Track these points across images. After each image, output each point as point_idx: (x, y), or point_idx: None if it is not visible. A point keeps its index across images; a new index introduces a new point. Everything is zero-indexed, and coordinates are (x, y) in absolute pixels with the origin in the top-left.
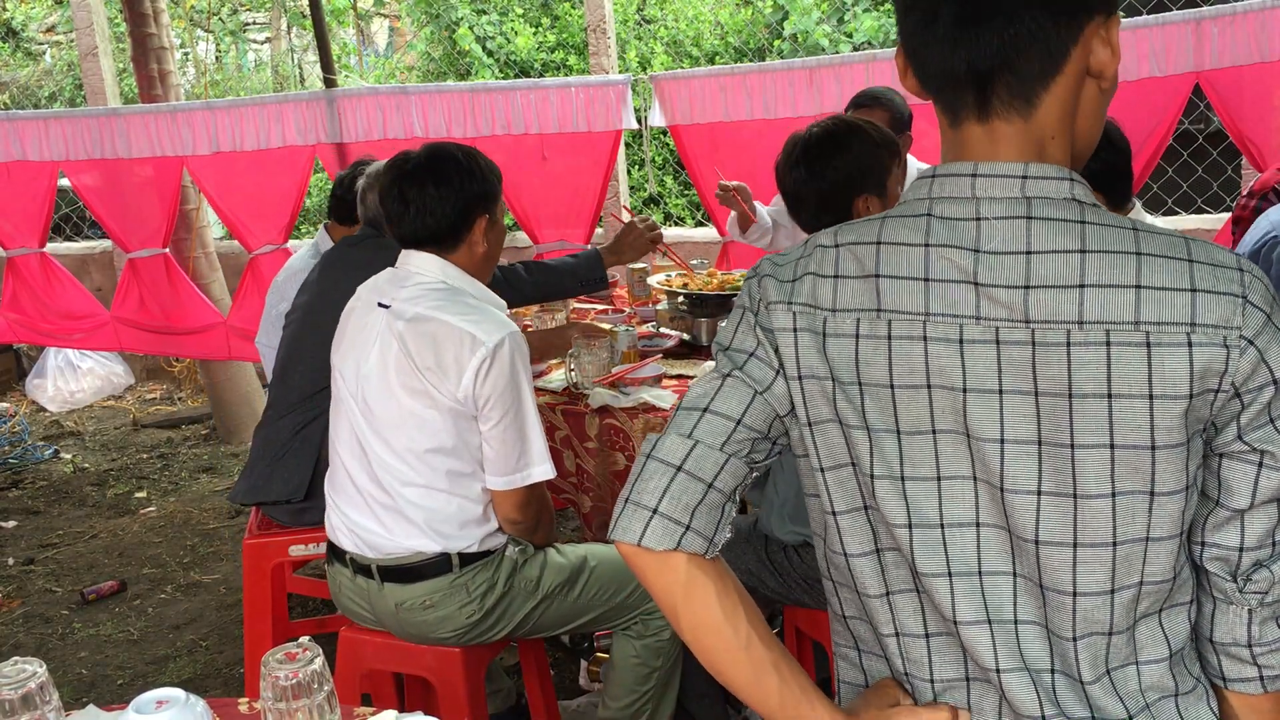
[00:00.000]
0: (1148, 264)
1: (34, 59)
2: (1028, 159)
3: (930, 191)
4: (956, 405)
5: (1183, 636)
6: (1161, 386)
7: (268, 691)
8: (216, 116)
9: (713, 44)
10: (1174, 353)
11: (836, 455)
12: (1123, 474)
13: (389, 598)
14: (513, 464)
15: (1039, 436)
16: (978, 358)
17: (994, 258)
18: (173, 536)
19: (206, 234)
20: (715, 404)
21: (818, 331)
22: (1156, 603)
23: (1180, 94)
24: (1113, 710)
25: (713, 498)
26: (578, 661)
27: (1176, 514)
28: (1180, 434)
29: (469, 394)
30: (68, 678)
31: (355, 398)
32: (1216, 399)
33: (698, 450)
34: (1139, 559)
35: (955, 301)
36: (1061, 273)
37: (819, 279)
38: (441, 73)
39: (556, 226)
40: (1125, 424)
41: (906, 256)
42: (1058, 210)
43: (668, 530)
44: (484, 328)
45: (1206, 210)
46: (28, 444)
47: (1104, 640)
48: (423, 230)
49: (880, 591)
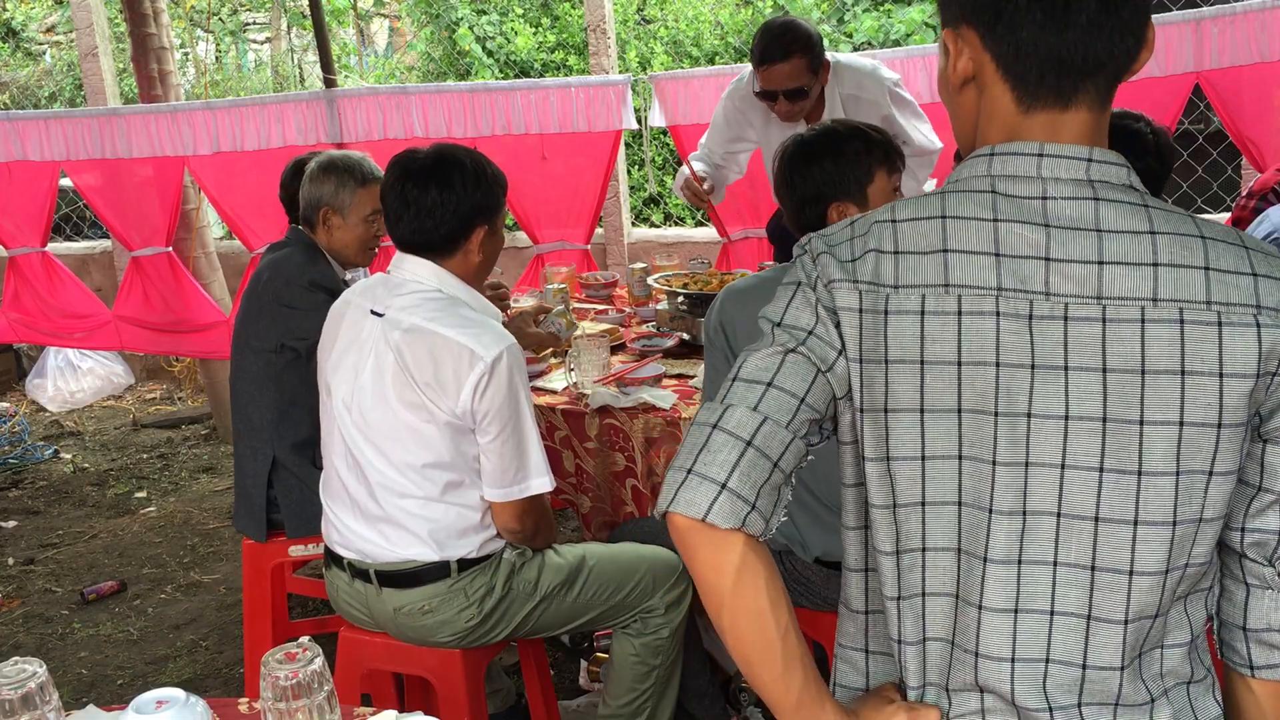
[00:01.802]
0: (1213, 248)
1: (34, 59)
2: (1091, 145)
3: (991, 169)
4: (1024, 383)
5: (1201, 622)
6: (1231, 365)
7: (268, 691)
8: (217, 116)
9: (713, 44)
10: (1243, 333)
11: (881, 447)
12: (1188, 452)
13: (387, 602)
14: (511, 477)
15: (1104, 414)
16: (1046, 334)
17: (1066, 233)
18: (173, 536)
19: (207, 234)
20: (779, 379)
21: (880, 311)
22: (1189, 586)
23: (1180, 94)
24: (1136, 695)
25: (776, 477)
26: (578, 661)
27: (1225, 496)
28: (1244, 414)
29: (467, 409)
30: (68, 678)
31: (350, 408)
32: (1274, 382)
33: (767, 426)
34: (1190, 540)
35: (1026, 277)
36: (1135, 251)
37: (881, 255)
38: (441, 73)
39: (556, 227)
40: (1196, 401)
41: (976, 231)
42: (1120, 194)
43: (735, 507)
44: (482, 342)
45: (1206, 210)
46: (28, 444)
47: (1149, 624)
48: (419, 234)
49: (894, 594)
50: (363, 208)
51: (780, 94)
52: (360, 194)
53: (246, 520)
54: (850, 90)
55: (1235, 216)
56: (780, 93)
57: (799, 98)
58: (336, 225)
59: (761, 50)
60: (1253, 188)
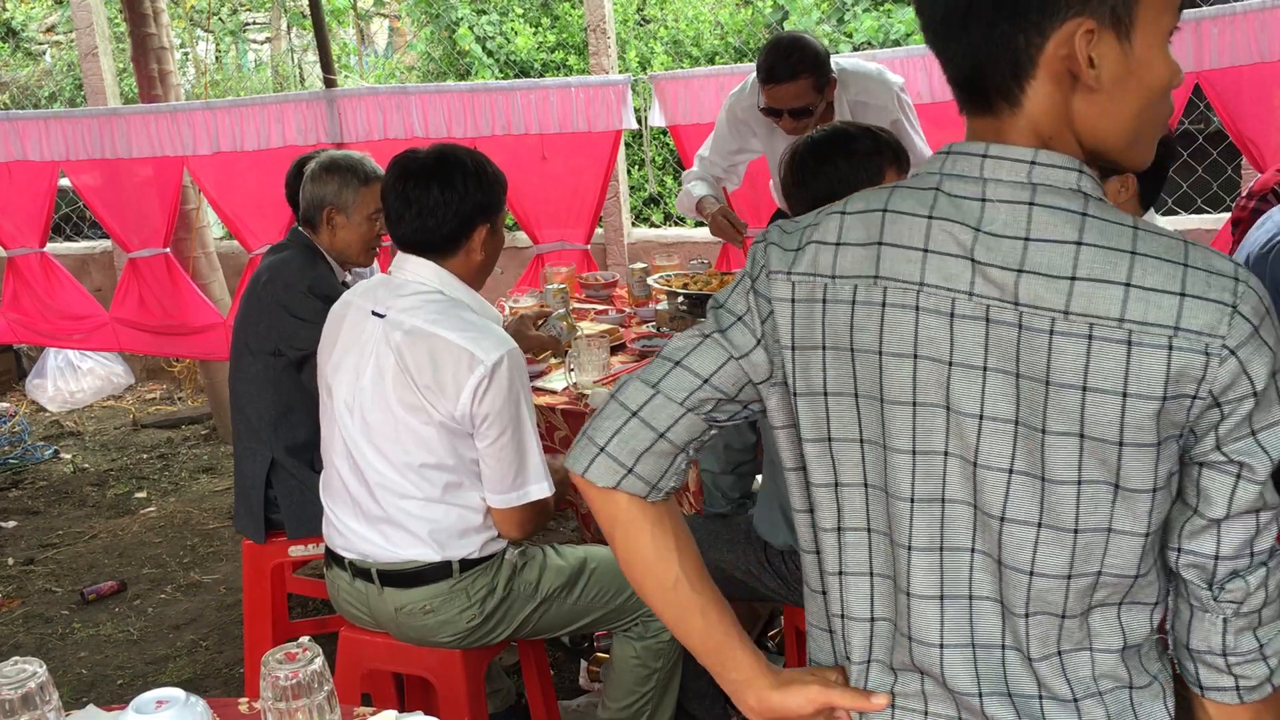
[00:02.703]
0: (1141, 264)
1: (34, 59)
2: (1036, 147)
3: (942, 167)
4: (941, 378)
5: (1141, 633)
6: (1136, 385)
7: (268, 691)
8: (216, 116)
9: (713, 44)
10: (1153, 354)
11: (820, 428)
12: (1089, 464)
13: (388, 602)
14: (510, 482)
15: (1016, 417)
16: (966, 333)
17: (993, 239)
18: (173, 536)
19: (206, 234)
20: (688, 360)
21: (818, 300)
22: (1116, 594)
23: (1180, 94)
24: (1059, 690)
25: (662, 446)
26: (578, 661)
27: (1143, 513)
28: (1150, 435)
29: (466, 413)
30: (68, 678)
31: (351, 409)
32: (1194, 405)
33: (656, 400)
34: (1099, 549)
35: (951, 275)
36: (1055, 262)
37: (821, 246)
38: (441, 73)
39: (556, 227)
40: (1095, 417)
41: (909, 226)
42: (1062, 199)
43: (610, 469)
44: (483, 345)
45: (1206, 210)
46: (28, 444)
47: (1055, 621)
48: (421, 233)
49: (834, 570)
50: (366, 206)
51: (785, 113)
52: (363, 192)
53: (246, 520)
54: (858, 96)
55: (1235, 217)
56: (785, 111)
57: (803, 116)
58: (340, 224)
59: (769, 68)
60: (1253, 188)
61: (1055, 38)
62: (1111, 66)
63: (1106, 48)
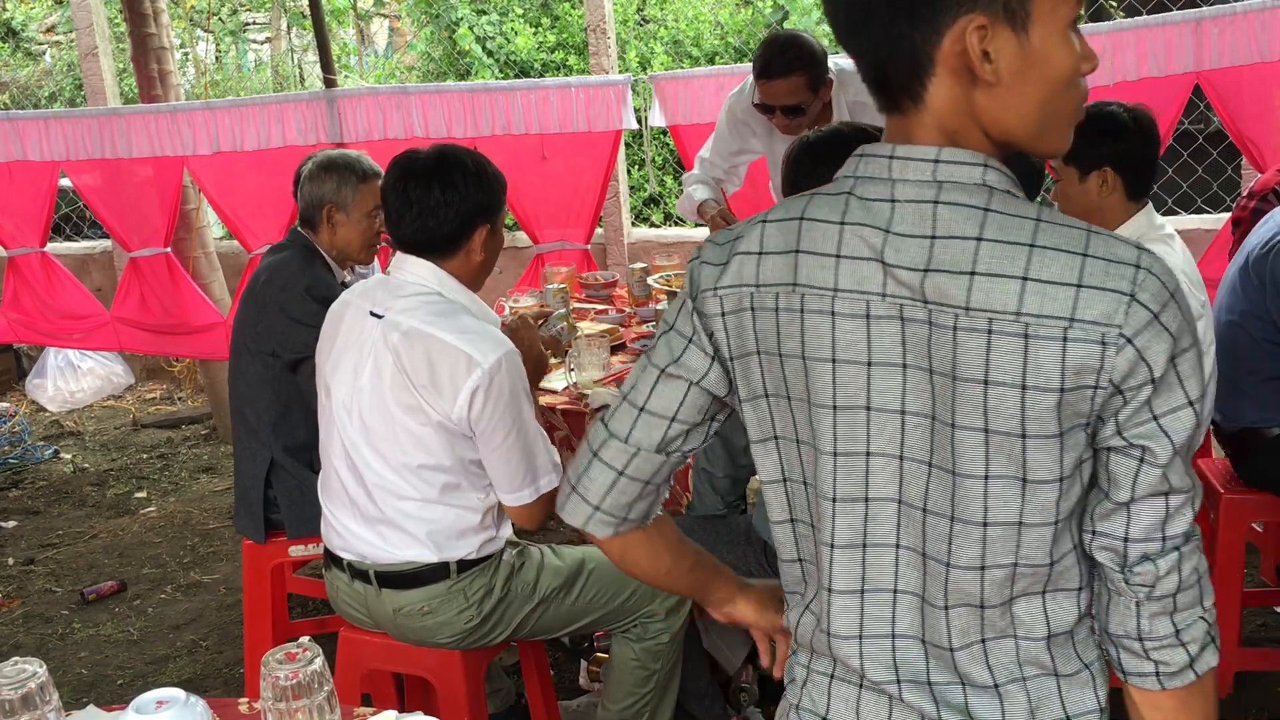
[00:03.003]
0: (1039, 256)
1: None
2: (941, 145)
3: (855, 170)
4: (861, 380)
5: (1067, 621)
6: (1034, 378)
7: (268, 691)
8: (217, 116)
9: (713, 44)
10: (1048, 346)
11: (765, 429)
12: (996, 458)
13: (387, 603)
14: (520, 480)
15: (932, 412)
16: (884, 333)
17: (901, 239)
18: (173, 536)
19: (206, 234)
20: (651, 403)
21: (746, 309)
22: (1036, 584)
23: (1180, 94)
24: (980, 677)
25: (648, 490)
26: (578, 661)
27: (1050, 503)
28: (1052, 426)
29: (463, 415)
30: (68, 678)
31: (349, 410)
32: (1096, 395)
33: (639, 458)
34: (1012, 541)
35: (864, 278)
36: (957, 259)
37: (746, 257)
38: (441, 73)
39: (556, 227)
40: (998, 411)
41: (823, 233)
42: (965, 196)
43: (607, 523)
44: (480, 347)
45: (1206, 210)
46: (28, 444)
47: (976, 612)
48: (421, 233)
49: (792, 557)
50: (365, 203)
51: (777, 109)
52: (362, 189)
53: (246, 520)
54: (857, 97)
55: (1235, 216)
56: (778, 108)
57: (796, 114)
58: (341, 222)
59: (763, 63)
60: (1253, 188)
61: (949, 34)
62: (1009, 60)
63: (1002, 42)
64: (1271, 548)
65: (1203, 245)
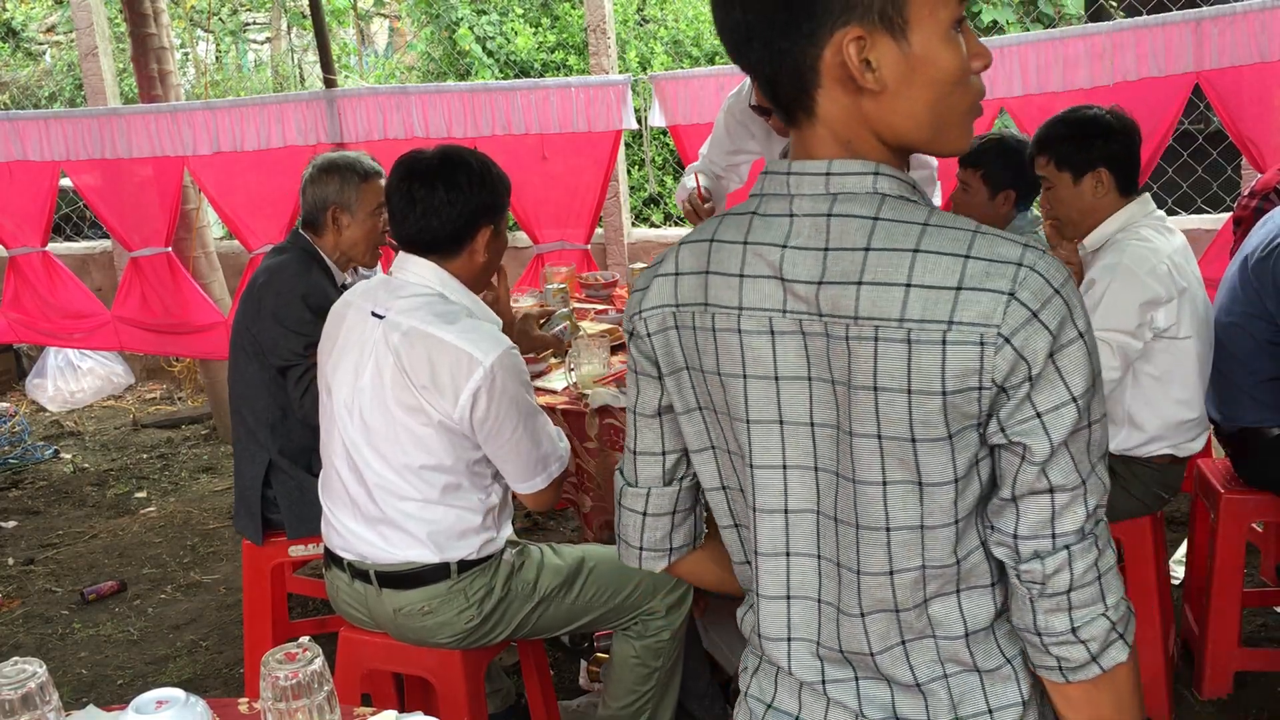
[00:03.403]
0: (922, 261)
1: (34, 59)
2: (834, 156)
3: (761, 188)
4: (771, 394)
5: (984, 618)
6: (919, 383)
7: (268, 691)
8: (217, 116)
9: (713, 44)
10: (929, 350)
11: (702, 439)
12: (891, 464)
13: (387, 603)
14: (532, 468)
15: (836, 422)
16: (788, 348)
17: (798, 253)
18: (173, 536)
19: (207, 234)
20: (639, 444)
21: (670, 327)
22: (948, 584)
23: (1180, 94)
24: (902, 677)
25: (679, 519)
26: (578, 661)
27: (948, 504)
28: (941, 429)
29: (465, 415)
30: (68, 678)
31: (350, 410)
32: (982, 395)
33: (653, 496)
34: (916, 544)
35: (765, 295)
36: (847, 270)
37: (664, 279)
38: (441, 73)
39: (556, 227)
40: (888, 417)
41: (729, 254)
42: (857, 205)
43: (657, 558)
44: (481, 346)
45: (1206, 210)
46: (28, 444)
47: (892, 616)
48: (425, 232)
49: (740, 559)
50: (368, 202)
51: (773, 111)
52: (364, 188)
53: (245, 521)
54: None
55: (1236, 215)
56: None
57: None
58: (345, 223)
59: None
60: (1254, 187)
61: (829, 48)
62: (891, 66)
63: (883, 49)
64: (1271, 548)
65: (1203, 245)
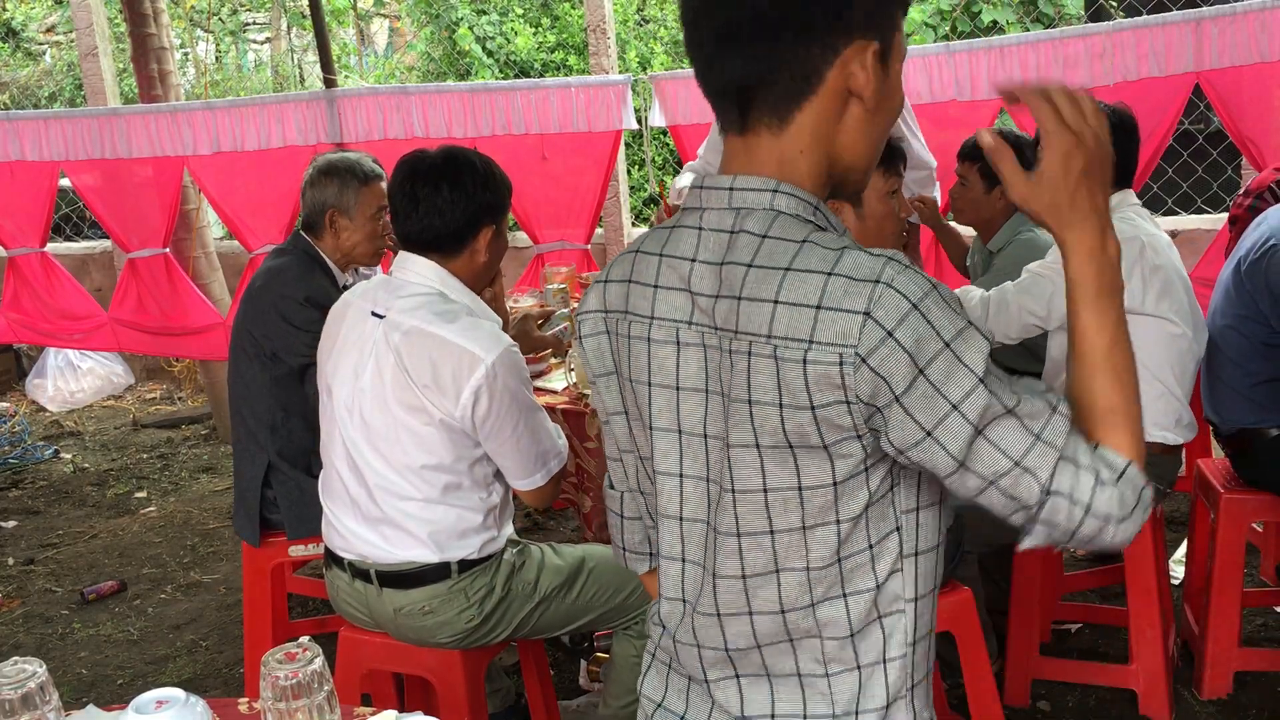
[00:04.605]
0: (790, 279)
1: (34, 59)
2: (770, 172)
3: (686, 201)
4: (672, 403)
5: (859, 617)
6: (787, 397)
7: (268, 691)
8: (217, 116)
9: None
10: (793, 367)
11: (623, 444)
12: (770, 469)
13: (387, 603)
14: (532, 465)
15: (725, 434)
16: (690, 359)
17: (703, 267)
18: (173, 536)
19: (206, 234)
20: (609, 449)
21: (601, 331)
22: (834, 587)
23: (1180, 94)
24: (784, 668)
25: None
26: (578, 661)
27: (827, 504)
28: (816, 439)
29: (466, 413)
30: (68, 678)
31: (350, 410)
32: (852, 410)
33: (628, 499)
34: (799, 546)
35: (675, 307)
36: (734, 285)
37: (598, 285)
38: (441, 73)
39: (556, 227)
40: (764, 428)
41: (647, 264)
42: (754, 222)
43: (638, 559)
44: (482, 344)
45: (1206, 210)
46: (28, 444)
47: (778, 618)
48: (428, 231)
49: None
50: (368, 205)
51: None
52: (364, 192)
53: (243, 521)
54: None
55: (1232, 215)
56: None
57: None
58: (344, 226)
59: None
60: (1249, 186)
61: (842, 56)
62: (875, 89)
63: (880, 69)
64: (1271, 548)
65: (1203, 245)
